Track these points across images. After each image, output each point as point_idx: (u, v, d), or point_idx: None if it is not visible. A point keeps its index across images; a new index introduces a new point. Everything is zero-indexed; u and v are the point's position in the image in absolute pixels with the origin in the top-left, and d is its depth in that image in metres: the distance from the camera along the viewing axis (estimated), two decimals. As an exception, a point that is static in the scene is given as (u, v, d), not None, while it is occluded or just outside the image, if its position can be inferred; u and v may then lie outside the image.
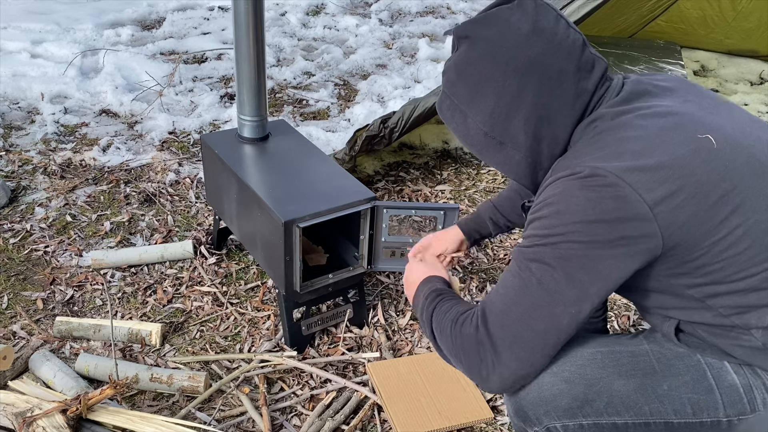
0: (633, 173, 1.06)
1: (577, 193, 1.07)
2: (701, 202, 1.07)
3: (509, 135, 1.20)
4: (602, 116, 1.17)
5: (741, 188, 1.09)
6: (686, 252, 1.09)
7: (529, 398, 1.20)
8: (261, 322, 2.17)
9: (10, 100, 3.59)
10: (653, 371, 1.19)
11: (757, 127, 1.21)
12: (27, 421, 1.54)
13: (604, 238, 1.06)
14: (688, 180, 1.07)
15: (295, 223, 1.79)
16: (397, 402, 1.83)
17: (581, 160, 1.11)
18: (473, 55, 1.21)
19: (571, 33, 1.19)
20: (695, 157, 1.09)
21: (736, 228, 1.08)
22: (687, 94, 1.22)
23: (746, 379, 1.16)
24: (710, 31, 4.23)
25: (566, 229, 1.08)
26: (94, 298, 2.26)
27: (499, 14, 1.20)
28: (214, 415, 1.82)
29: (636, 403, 1.17)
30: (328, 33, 4.88)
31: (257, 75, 2.07)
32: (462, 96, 1.24)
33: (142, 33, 4.70)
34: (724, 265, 1.10)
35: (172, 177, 2.95)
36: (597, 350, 1.22)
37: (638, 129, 1.12)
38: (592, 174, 1.07)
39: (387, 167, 3.10)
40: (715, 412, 1.16)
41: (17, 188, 2.83)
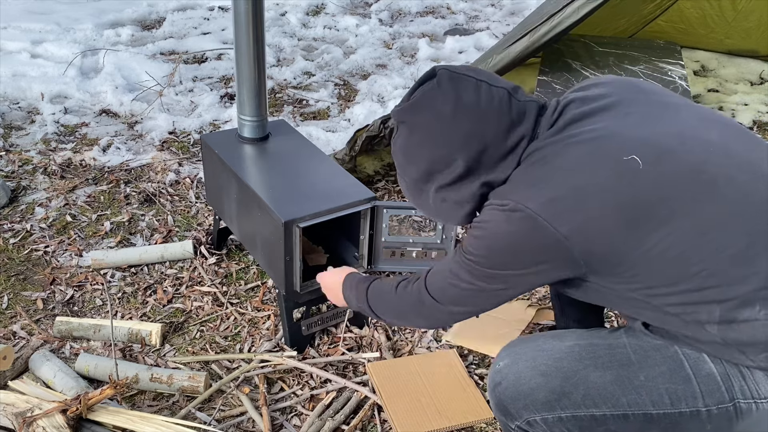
0: (549, 205, 1.15)
1: (501, 225, 1.21)
2: (622, 223, 1.13)
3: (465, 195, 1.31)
4: (537, 149, 1.25)
5: (670, 200, 1.13)
6: (614, 266, 1.16)
7: (509, 393, 1.26)
8: (261, 322, 2.17)
9: (10, 100, 3.59)
10: (630, 363, 1.22)
11: (703, 127, 1.24)
12: (27, 421, 1.54)
13: (521, 263, 1.22)
14: (608, 204, 1.14)
15: (295, 223, 1.79)
16: (397, 402, 1.83)
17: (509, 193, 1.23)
18: (414, 140, 1.32)
19: (494, 93, 1.27)
20: (618, 179, 1.15)
21: (667, 236, 1.12)
22: (630, 105, 1.26)
23: (723, 368, 1.18)
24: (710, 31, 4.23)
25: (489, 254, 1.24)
26: (94, 298, 2.26)
27: (424, 99, 1.30)
28: (214, 415, 1.82)
29: (613, 394, 1.20)
30: (328, 33, 4.87)
31: (257, 75, 2.07)
32: (416, 177, 1.36)
33: (142, 33, 4.70)
34: (657, 271, 1.15)
35: (172, 177, 2.95)
36: (575, 343, 1.27)
37: (564, 159, 1.20)
38: (513, 209, 1.18)
39: (387, 167, 3.10)
40: (694, 402, 1.18)
41: (17, 188, 2.83)
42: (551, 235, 1.15)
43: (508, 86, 1.30)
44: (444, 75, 1.29)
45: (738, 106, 3.92)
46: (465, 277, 1.29)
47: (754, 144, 1.25)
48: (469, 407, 1.84)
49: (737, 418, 1.17)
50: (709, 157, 1.17)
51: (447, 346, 2.10)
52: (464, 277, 1.30)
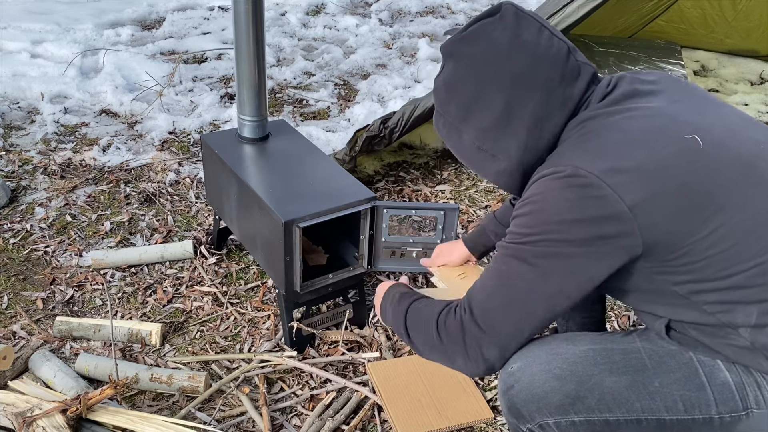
0: (614, 174, 1.08)
1: (557, 193, 1.11)
2: (683, 203, 1.09)
3: (500, 148, 1.24)
4: (589, 118, 1.19)
5: (725, 188, 1.11)
6: (668, 251, 1.11)
7: (522, 396, 1.22)
8: (261, 322, 2.17)
9: (10, 100, 3.59)
10: (645, 368, 1.20)
11: (746, 126, 1.22)
12: (27, 421, 1.54)
13: (581, 238, 1.10)
14: (671, 181, 1.09)
15: (295, 223, 1.79)
16: (397, 402, 1.83)
17: (564, 160, 1.14)
18: (460, 74, 1.26)
19: (555, 42, 1.21)
20: (679, 158, 1.11)
21: (719, 227, 1.09)
22: (677, 94, 1.23)
23: (738, 377, 1.16)
24: (710, 31, 4.23)
25: (545, 228, 1.12)
26: (94, 298, 2.26)
27: (481, 30, 1.23)
28: (214, 415, 1.82)
29: (627, 399, 1.18)
30: (328, 33, 4.88)
31: (257, 75, 2.07)
32: (454, 114, 1.28)
33: (142, 33, 4.70)
34: (708, 263, 1.11)
35: (172, 177, 2.95)
36: (589, 348, 1.23)
37: (623, 130, 1.14)
38: (573, 174, 1.10)
39: (387, 167, 3.10)
40: (707, 410, 1.16)
41: (17, 188, 2.83)
42: (615, 205, 1.07)
43: (569, 43, 1.23)
44: (509, 9, 1.22)
45: (738, 106, 3.92)
46: (514, 265, 1.15)
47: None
48: (469, 407, 1.84)
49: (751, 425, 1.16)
50: (758, 153, 1.16)
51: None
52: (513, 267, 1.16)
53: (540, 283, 1.15)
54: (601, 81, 1.26)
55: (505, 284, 1.18)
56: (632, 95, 1.21)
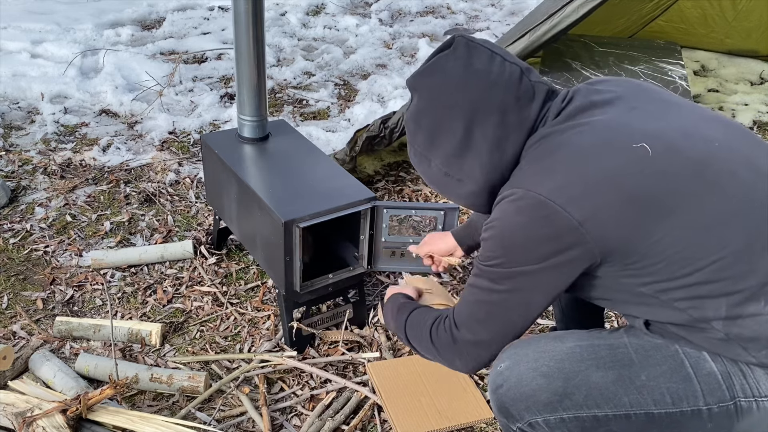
0: (562, 192, 1.14)
1: (512, 217, 1.19)
2: (633, 211, 1.13)
3: (465, 172, 1.30)
4: (544, 136, 1.24)
5: (677, 191, 1.14)
6: (625, 256, 1.15)
7: (510, 395, 1.25)
8: (261, 322, 2.17)
9: (10, 100, 3.59)
10: (631, 362, 1.22)
11: (705, 125, 1.25)
12: (27, 421, 1.54)
13: (538, 256, 1.17)
14: (619, 192, 1.13)
15: (295, 223, 1.79)
16: (397, 402, 1.83)
17: (519, 181, 1.22)
18: (422, 105, 1.32)
19: (507, 67, 1.27)
20: (627, 167, 1.15)
21: (674, 229, 1.13)
22: (634, 101, 1.27)
23: (724, 367, 1.18)
24: (710, 31, 4.23)
25: (505, 252, 1.21)
26: (94, 298, 2.26)
27: (437, 63, 1.30)
28: (214, 415, 1.82)
29: (615, 394, 1.20)
30: (328, 33, 4.87)
31: (257, 75, 2.07)
32: (422, 143, 1.35)
33: (142, 33, 4.70)
34: (667, 264, 1.15)
35: (172, 177, 2.95)
36: (576, 344, 1.26)
37: (572, 146, 1.19)
38: (522, 197, 1.17)
39: (387, 167, 3.10)
40: (695, 401, 1.18)
41: (17, 188, 2.83)
42: (566, 221, 1.13)
43: (522, 65, 1.29)
44: (461, 42, 1.29)
45: (738, 106, 3.92)
46: (485, 285, 1.26)
47: (754, 143, 1.26)
48: (469, 407, 1.84)
49: (738, 416, 1.18)
50: (713, 152, 1.18)
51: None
52: (485, 287, 1.26)
53: (511, 299, 1.24)
54: (557, 96, 1.30)
55: (481, 301, 1.28)
56: (587, 107, 1.25)
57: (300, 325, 1.97)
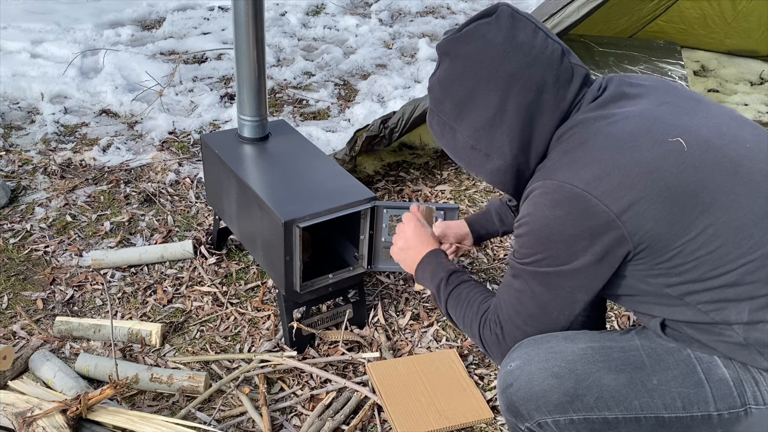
0: (599, 183, 1.11)
1: (548, 211, 1.16)
2: (669, 206, 1.11)
3: (494, 147, 1.26)
4: (577, 124, 1.21)
5: (711, 188, 1.12)
6: (658, 254, 1.14)
7: (520, 394, 1.23)
8: (261, 322, 2.17)
9: (10, 100, 3.59)
10: (643, 366, 1.21)
11: (736, 126, 1.23)
12: (27, 421, 1.54)
13: (577, 251, 1.15)
14: (656, 184, 1.11)
15: (295, 223, 1.79)
16: (397, 402, 1.83)
17: (552, 173, 1.18)
18: (455, 72, 1.27)
19: (549, 44, 1.23)
20: (664, 160, 1.13)
21: (707, 227, 1.11)
22: (665, 95, 1.25)
23: (736, 373, 1.17)
24: (710, 31, 4.23)
25: (542, 248, 1.18)
26: (94, 298, 2.26)
27: (477, 30, 1.25)
28: (214, 415, 1.82)
29: (626, 397, 1.18)
30: (328, 33, 4.88)
31: (257, 75, 2.07)
32: (449, 112, 1.29)
33: (142, 33, 4.70)
34: (698, 264, 1.13)
35: (172, 177, 2.95)
36: (588, 346, 1.25)
37: (607, 137, 1.17)
38: (559, 188, 1.14)
39: (387, 167, 3.10)
40: (706, 407, 1.17)
41: (17, 188, 2.83)
42: (603, 214, 1.11)
43: (563, 45, 1.26)
44: (505, 11, 1.24)
45: (738, 106, 3.92)
46: (525, 287, 1.23)
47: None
48: (469, 407, 1.84)
49: (749, 422, 1.17)
50: (745, 153, 1.17)
51: (447, 346, 2.10)
52: (525, 288, 1.23)
53: (552, 298, 1.22)
54: (593, 83, 1.27)
55: (523, 302, 1.26)
56: (620, 98, 1.23)
57: (300, 325, 1.97)
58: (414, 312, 2.23)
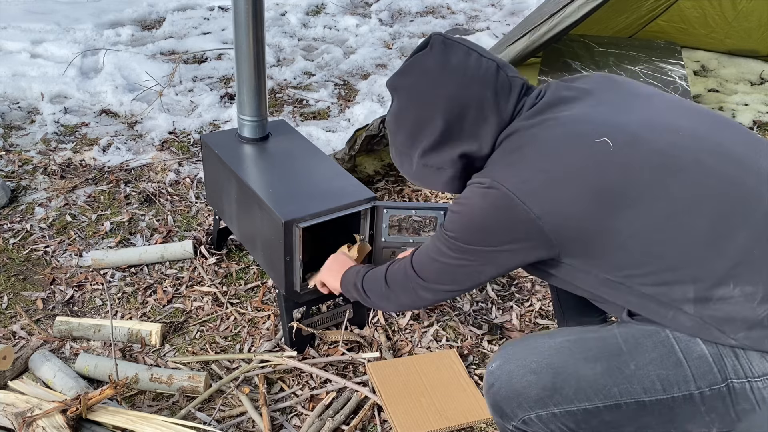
0: (523, 186, 1.21)
1: (478, 202, 1.27)
2: (592, 205, 1.17)
3: (444, 161, 1.37)
4: (514, 131, 1.30)
5: (638, 184, 1.17)
6: (586, 248, 1.21)
7: (502, 393, 1.27)
8: (261, 322, 2.17)
9: (10, 100, 3.59)
10: (620, 352, 1.23)
11: (674, 116, 1.28)
12: (27, 421, 1.54)
13: (495, 241, 1.27)
14: (579, 187, 1.19)
15: (295, 223, 1.79)
16: (397, 402, 1.83)
17: (490, 172, 1.30)
18: (402, 105, 1.39)
19: (483, 62, 1.33)
20: (587, 163, 1.20)
21: (635, 219, 1.16)
22: (603, 95, 1.32)
23: (716, 348, 1.18)
24: (710, 31, 4.23)
25: (466, 231, 1.30)
26: (94, 298, 2.26)
27: (415, 62, 1.37)
28: (214, 415, 1.82)
29: (604, 386, 1.21)
30: (328, 33, 4.88)
31: (257, 75, 2.07)
32: (403, 142, 1.41)
33: (142, 33, 4.70)
34: (630, 253, 1.19)
35: (172, 177, 2.95)
36: (565, 339, 1.29)
37: (538, 142, 1.26)
38: (490, 186, 1.24)
39: (387, 167, 3.10)
40: (686, 386, 1.18)
41: (17, 188, 2.83)
42: (524, 214, 1.20)
43: (499, 61, 1.35)
44: (437, 39, 1.35)
45: (738, 106, 3.92)
46: (445, 251, 1.35)
47: (724, 126, 1.30)
48: (469, 407, 1.84)
49: (732, 398, 1.17)
50: (677, 141, 1.22)
51: (447, 346, 2.10)
52: (444, 252, 1.35)
53: (464, 267, 1.35)
54: (532, 91, 1.36)
55: (437, 260, 1.39)
56: (557, 103, 1.30)
57: (300, 325, 1.97)
58: (414, 312, 2.23)
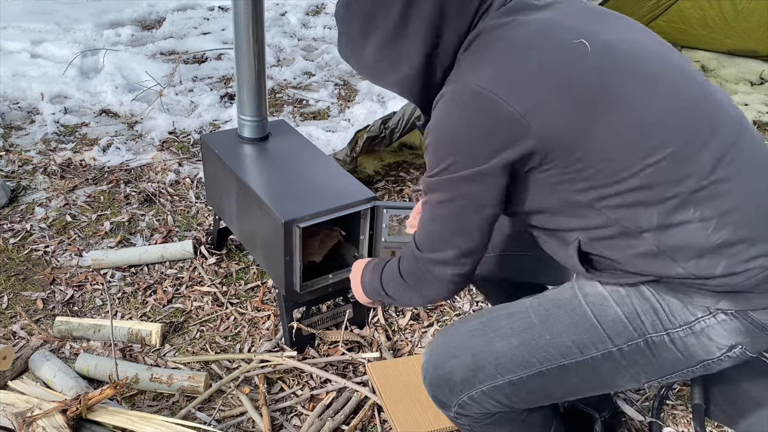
0: (504, 84, 1.11)
1: (454, 114, 1.15)
2: (572, 105, 1.11)
3: (401, 54, 1.24)
4: (482, 31, 1.20)
5: (613, 87, 1.13)
6: (564, 156, 1.14)
7: (434, 383, 1.33)
8: (261, 322, 2.17)
9: (10, 100, 3.59)
10: (532, 325, 1.27)
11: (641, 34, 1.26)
12: (27, 421, 1.54)
13: (485, 152, 1.14)
14: (559, 84, 1.12)
15: (295, 223, 1.79)
16: (397, 402, 1.83)
17: (460, 77, 1.18)
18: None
19: None
20: (566, 60, 1.14)
21: (611, 125, 1.12)
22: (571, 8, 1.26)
23: (631, 308, 1.22)
24: (710, 31, 4.23)
25: (449, 153, 1.17)
26: (94, 298, 2.26)
27: None
28: (214, 415, 1.82)
29: (523, 358, 1.25)
30: (328, 33, 4.88)
31: (257, 75, 2.07)
32: (356, 30, 1.28)
33: (142, 33, 4.70)
34: (604, 166, 1.14)
35: (172, 177, 2.95)
36: (477, 321, 1.32)
37: (512, 40, 1.17)
38: (463, 91, 1.14)
39: (387, 167, 3.10)
40: (603, 345, 1.23)
41: (17, 188, 2.83)
42: (509, 113, 1.11)
43: None
44: None
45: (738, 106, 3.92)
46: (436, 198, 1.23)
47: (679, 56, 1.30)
48: (469, 407, 1.84)
49: (651, 351, 1.22)
50: (646, 56, 1.20)
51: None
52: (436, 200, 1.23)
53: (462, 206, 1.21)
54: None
55: (436, 216, 1.25)
56: (524, 7, 1.23)
57: (300, 325, 1.97)
58: (414, 312, 2.23)
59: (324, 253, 2.05)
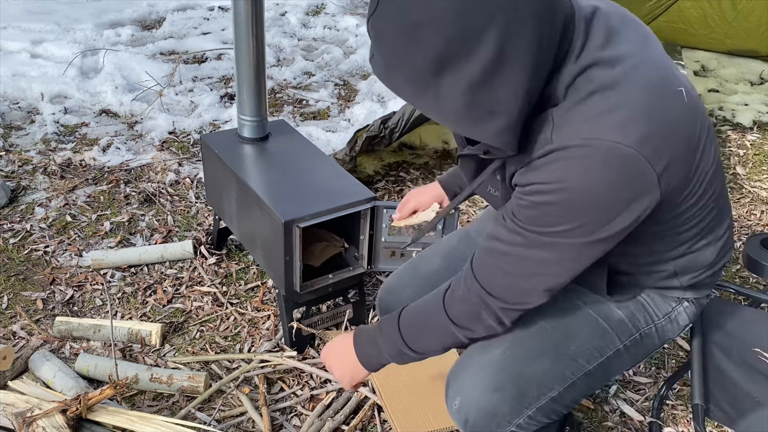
0: (646, 143, 0.99)
1: (595, 175, 0.98)
2: (688, 162, 1.10)
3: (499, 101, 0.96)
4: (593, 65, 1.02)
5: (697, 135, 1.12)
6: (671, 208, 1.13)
7: (479, 423, 1.28)
8: (261, 322, 2.17)
9: (10, 100, 3.59)
10: (557, 341, 1.30)
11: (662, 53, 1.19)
12: (27, 421, 1.54)
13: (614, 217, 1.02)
14: (681, 141, 1.06)
15: (295, 223, 1.79)
16: (397, 402, 1.83)
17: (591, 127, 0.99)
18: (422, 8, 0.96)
19: None
20: (680, 114, 1.07)
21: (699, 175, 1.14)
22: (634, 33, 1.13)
23: (628, 310, 1.33)
24: (710, 31, 4.23)
25: (575, 217, 1.02)
26: (94, 298, 2.26)
27: None
28: (214, 415, 1.82)
29: (559, 373, 1.28)
30: (328, 33, 4.88)
31: (257, 75, 2.07)
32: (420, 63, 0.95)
33: (142, 33, 4.70)
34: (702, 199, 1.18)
35: (172, 177, 2.95)
36: (504, 347, 1.30)
37: (631, 89, 1.02)
38: (611, 150, 0.97)
39: (387, 167, 3.10)
40: (614, 345, 1.32)
41: (17, 188, 2.83)
42: (650, 176, 1.00)
43: None
44: None
45: (738, 106, 3.92)
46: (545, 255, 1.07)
47: None
48: (469, 407, 1.84)
49: (642, 342, 1.35)
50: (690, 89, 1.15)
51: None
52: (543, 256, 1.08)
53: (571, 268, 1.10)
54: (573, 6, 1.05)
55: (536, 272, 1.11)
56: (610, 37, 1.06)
57: (300, 325, 1.97)
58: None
59: (323, 260, 2.05)
